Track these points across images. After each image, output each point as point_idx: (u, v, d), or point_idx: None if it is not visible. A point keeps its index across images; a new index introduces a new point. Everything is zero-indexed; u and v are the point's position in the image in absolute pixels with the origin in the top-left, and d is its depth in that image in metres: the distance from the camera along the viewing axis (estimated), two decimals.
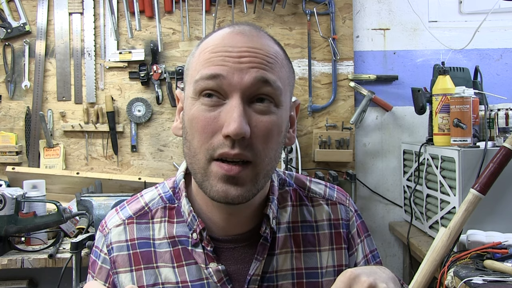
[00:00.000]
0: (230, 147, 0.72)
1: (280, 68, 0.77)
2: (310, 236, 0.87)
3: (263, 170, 0.76)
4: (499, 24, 2.54)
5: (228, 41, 0.76)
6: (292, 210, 0.88)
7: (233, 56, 0.74)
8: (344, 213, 0.91)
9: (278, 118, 0.76)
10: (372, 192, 2.53)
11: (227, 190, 0.73)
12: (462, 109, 1.85)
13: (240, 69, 0.73)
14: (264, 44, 0.77)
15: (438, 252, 1.60)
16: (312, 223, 0.88)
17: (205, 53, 0.76)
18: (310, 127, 2.49)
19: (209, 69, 0.74)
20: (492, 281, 1.40)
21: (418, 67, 2.54)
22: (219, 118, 0.73)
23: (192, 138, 0.76)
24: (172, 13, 2.47)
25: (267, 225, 0.83)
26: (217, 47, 0.75)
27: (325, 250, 0.87)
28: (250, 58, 0.74)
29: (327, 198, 0.92)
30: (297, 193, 0.90)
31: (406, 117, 2.53)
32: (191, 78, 0.78)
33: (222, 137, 0.72)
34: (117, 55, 2.46)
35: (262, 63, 0.75)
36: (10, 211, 1.81)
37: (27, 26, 2.44)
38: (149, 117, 2.47)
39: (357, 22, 2.53)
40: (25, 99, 2.46)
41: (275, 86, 0.75)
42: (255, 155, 0.74)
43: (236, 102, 0.72)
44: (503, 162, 1.61)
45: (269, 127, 0.75)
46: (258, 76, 0.73)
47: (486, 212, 1.73)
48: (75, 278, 1.75)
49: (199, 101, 0.75)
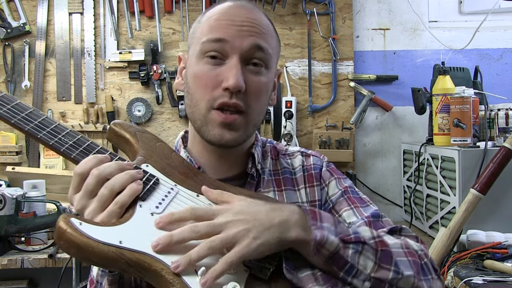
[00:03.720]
0: (229, 97, 0.86)
1: (271, 38, 0.93)
2: (289, 179, 1.00)
3: (253, 120, 0.91)
4: (499, 24, 2.54)
5: (232, 11, 0.90)
6: (272, 162, 1.02)
7: (235, 24, 0.88)
8: (318, 161, 1.04)
9: (267, 79, 0.92)
10: (372, 192, 2.53)
11: (222, 134, 0.88)
12: (462, 109, 1.85)
13: (241, 35, 0.88)
14: (260, 17, 0.92)
15: (438, 252, 1.60)
16: (290, 169, 1.02)
17: (211, 20, 0.90)
18: (310, 127, 2.49)
19: (215, 33, 0.88)
20: (492, 281, 1.40)
21: (418, 67, 2.54)
22: (219, 75, 0.87)
23: (195, 91, 0.90)
24: (172, 13, 2.47)
25: (253, 164, 0.96)
26: (222, 16, 0.90)
27: (302, 188, 1.00)
28: (249, 27, 0.89)
29: (302, 151, 1.06)
30: (276, 150, 1.05)
31: (406, 117, 2.53)
32: (198, 40, 0.91)
33: (221, 90, 0.86)
34: (117, 55, 2.46)
35: (258, 32, 0.89)
36: (10, 211, 1.81)
37: (27, 26, 2.44)
38: (149, 117, 2.47)
39: (357, 22, 2.53)
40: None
41: (267, 52, 0.90)
42: (248, 106, 0.88)
43: (235, 61, 0.87)
44: (503, 162, 1.61)
45: (260, 86, 0.90)
46: (255, 42, 0.88)
47: (486, 212, 1.73)
48: (75, 278, 1.75)
49: (203, 61, 0.89)
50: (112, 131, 0.90)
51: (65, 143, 0.81)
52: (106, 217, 0.73)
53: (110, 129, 0.90)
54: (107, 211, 0.73)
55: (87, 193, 0.75)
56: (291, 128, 2.36)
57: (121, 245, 0.69)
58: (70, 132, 0.82)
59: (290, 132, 2.34)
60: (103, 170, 0.75)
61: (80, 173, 0.76)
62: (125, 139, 0.89)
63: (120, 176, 0.75)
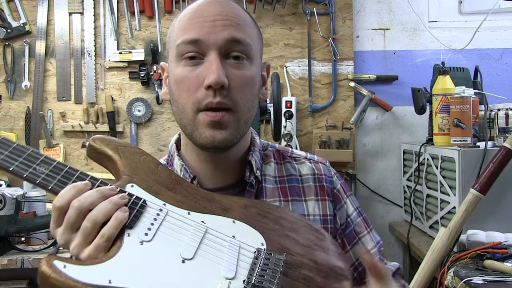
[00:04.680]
0: (213, 96, 0.82)
1: (248, 29, 0.88)
2: (296, 188, 0.96)
3: (242, 116, 0.86)
4: (499, 24, 2.54)
5: (203, 8, 0.86)
6: (276, 166, 0.97)
7: (207, 20, 0.84)
8: (326, 170, 1.01)
9: (251, 72, 0.87)
10: (372, 192, 2.53)
11: (214, 135, 0.83)
12: (462, 109, 1.85)
13: (215, 31, 0.84)
14: (234, 9, 0.88)
15: (438, 252, 1.60)
16: (297, 177, 0.97)
17: (183, 21, 0.87)
18: (310, 127, 2.49)
19: (188, 34, 0.84)
20: (492, 281, 1.40)
21: (418, 67, 2.54)
22: (200, 75, 0.83)
23: (179, 96, 0.86)
24: (172, 13, 2.47)
25: (251, 172, 0.91)
26: (194, 15, 0.86)
27: (311, 200, 0.96)
28: (222, 21, 0.85)
29: (309, 158, 1.01)
30: (280, 153, 1.00)
31: (406, 117, 2.53)
32: (173, 43, 0.88)
33: (204, 90, 0.82)
34: (117, 55, 2.46)
35: (233, 25, 0.85)
36: (10, 211, 1.81)
37: (27, 26, 2.44)
38: (149, 117, 2.47)
39: (357, 22, 2.53)
40: (25, 99, 2.46)
41: (245, 43, 0.85)
42: (234, 102, 0.84)
43: (213, 57, 0.83)
44: (503, 162, 1.61)
45: (243, 79, 0.85)
46: (230, 35, 0.84)
47: (486, 212, 1.73)
48: None
49: (181, 63, 0.85)
50: (92, 148, 0.82)
51: (40, 173, 0.74)
52: (93, 251, 0.68)
53: (89, 146, 0.83)
54: (93, 245, 0.69)
55: (69, 227, 0.70)
56: (291, 128, 2.36)
57: (111, 285, 0.64)
58: (45, 159, 0.75)
59: (290, 132, 2.34)
60: (83, 201, 0.70)
61: (59, 206, 0.71)
62: (106, 156, 0.82)
63: (103, 205, 0.70)
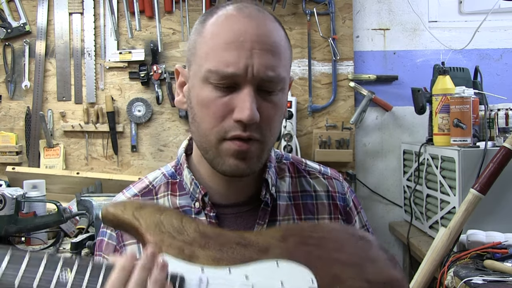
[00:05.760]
0: (242, 130, 0.78)
1: (284, 54, 0.82)
2: (310, 205, 0.93)
3: (267, 146, 0.83)
4: (499, 24, 2.54)
5: (239, 28, 0.78)
6: (291, 181, 0.95)
7: (245, 48, 0.77)
8: (340, 187, 0.98)
9: (282, 102, 0.83)
10: (372, 192, 2.53)
11: (237, 165, 0.80)
12: (462, 109, 1.85)
13: (252, 63, 0.77)
14: (271, 29, 0.81)
15: (438, 252, 1.60)
16: (312, 193, 0.95)
17: (216, 39, 0.79)
18: (310, 127, 2.49)
19: (223, 65, 0.77)
20: (492, 281, 1.40)
21: (418, 67, 2.54)
22: (230, 103, 0.78)
23: (202, 120, 0.81)
24: (172, 13, 2.47)
25: (267, 190, 0.88)
26: (229, 36, 0.78)
27: (323, 218, 0.94)
28: (261, 52, 0.78)
29: (322, 173, 0.99)
30: (294, 166, 0.97)
31: (406, 117, 2.53)
32: (201, 61, 0.80)
33: (232, 121, 0.78)
34: (117, 55, 2.46)
35: (272, 57, 0.79)
36: (10, 211, 1.81)
37: (27, 26, 2.44)
38: (149, 117, 2.47)
39: (357, 22, 2.53)
40: (25, 99, 2.47)
41: (281, 78, 0.80)
42: (263, 135, 0.80)
43: (249, 91, 0.77)
44: (503, 162, 1.61)
45: (274, 111, 0.82)
46: (269, 74, 0.78)
47: (486, 212, 1.73)
48: None
49: (210, 86, 0.79)
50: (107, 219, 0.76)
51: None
52: None
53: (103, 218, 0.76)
54: None
55: None
56: (291, 128, 2.36)
57: None
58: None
59: (290, 132, 2.34)
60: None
61: None
62: (124, 225, 0.77)
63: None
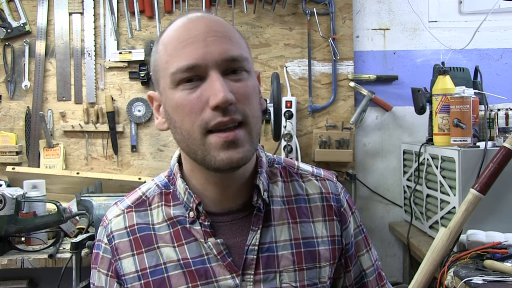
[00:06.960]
0: (222, 115, 0.78)
1: (239, 40, 0.85)
2: (303, 208, 0.93)
3: (253, 128, 0.82)
4: (499, 24, 2.54)
5: (189, 27, 0.81)
6: (284, 185, 0.94)
7: (199, 40, 0.79)
8: (334, 188, 0.98)
9: (251, 81, 0.84)
10: (372, 192, 2.53)
11: (230, 156, 0.79)
12: (462, 109, 1.85)
13: (209, 51, 0.79)
14: (219, 22, 0.84)
15: (438, 252, 1.60)
16: (304, 196, 0.95)
17: (171, 45, 0.81)
18: (310, 127, 2.49)
19: (182, 60, 0.79)
20: (492, 281, 1.40)
21: (418, 67, 2.54)
22: (202, 95, 0.79)
23: (182, 122, 0.81)
24: (172, 13, 2.47)
25: (259, 196, 0.88)
26: (181, 36, 0.81)
27: (318, 221, 0.93)
28: (214, 38, 0.80)
29: (315, 175, 0.98)
30: (286, 170, 0.97)
31: (406, 117, 2.53)
32: (164, 72, 0.82)
33: (210, 110, 0.78)
34: (117, 55, 2.46)
35: (225, 40, 0.81)
36: (10, 211, 1.81)
37: (27, 26, 2.44)
38: (149, 117, 2.47)
39: (357, 22, 2.53)
40: (25, 99, 2.46)
41: (243, 58, 0.82)
42: (244, 115, 0.80)
43: (215, 76, 0.78)
44: (503, 162, 1.60)
45: (247, 90, 0.82)
46: (227, 54, 0.80)
47: (486, 212, 1.73)
48: (75, 278, 1.75)
49: (179, 88, 0.80)
50: None
51: None
52: None
53: None
54: None
55: None
56: (291, 128, 2.36)
57: None
58: None
59: (290, 132, 2.34)
60: None
61: None
62: None
63: None
